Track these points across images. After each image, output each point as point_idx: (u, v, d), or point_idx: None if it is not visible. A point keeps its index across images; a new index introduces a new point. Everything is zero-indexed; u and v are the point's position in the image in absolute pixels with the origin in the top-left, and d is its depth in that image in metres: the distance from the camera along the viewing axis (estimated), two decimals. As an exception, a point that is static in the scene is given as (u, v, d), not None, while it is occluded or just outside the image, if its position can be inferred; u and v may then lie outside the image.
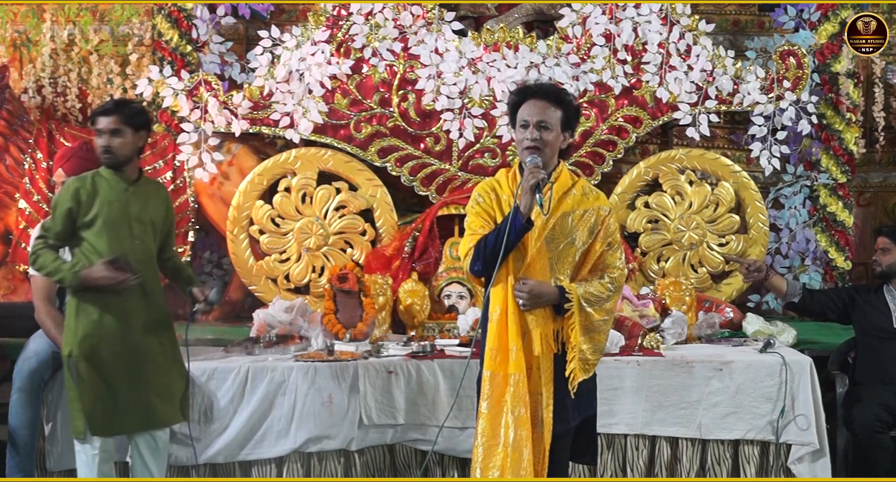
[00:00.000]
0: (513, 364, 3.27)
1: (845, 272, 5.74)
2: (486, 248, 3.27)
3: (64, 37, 5.52)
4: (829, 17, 5.66)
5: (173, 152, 5.36)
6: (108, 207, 3.90)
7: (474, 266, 3.33)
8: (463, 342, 4.65)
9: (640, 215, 5.47)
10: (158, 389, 3.93)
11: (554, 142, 3.35)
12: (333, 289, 4.69)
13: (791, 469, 4.44)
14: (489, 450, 3.31)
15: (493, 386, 3.31)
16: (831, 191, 5.70)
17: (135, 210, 3.95)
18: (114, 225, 3.90)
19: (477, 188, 3.47)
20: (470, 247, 3.33)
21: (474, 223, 3.38)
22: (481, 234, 3.32)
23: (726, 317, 5.16)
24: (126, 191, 3.94)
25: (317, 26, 5.28)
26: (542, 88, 3.39)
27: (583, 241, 3.36)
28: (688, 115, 5.39)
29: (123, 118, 3.88)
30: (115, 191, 3.92)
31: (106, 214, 3.89)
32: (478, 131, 5.30)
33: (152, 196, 4.04)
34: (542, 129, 3.31)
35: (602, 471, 4.42)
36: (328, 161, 5.31)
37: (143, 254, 3.97)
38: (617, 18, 5.34)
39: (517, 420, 3.25)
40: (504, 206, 3.37)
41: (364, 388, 4.32)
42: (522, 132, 3.33)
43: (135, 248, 3.92)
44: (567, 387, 3.32)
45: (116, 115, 3.88)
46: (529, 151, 3.30)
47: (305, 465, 4.38)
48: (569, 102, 3.38)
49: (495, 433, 3.29)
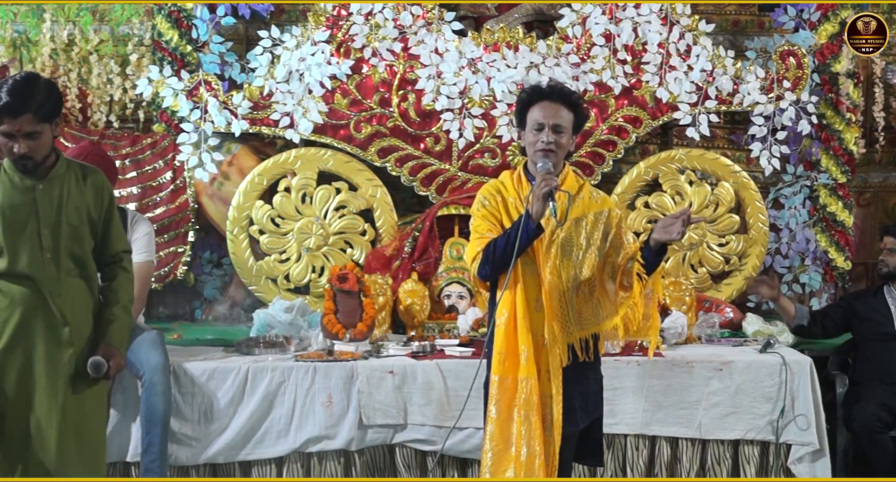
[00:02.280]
0: (523, 368, 3.25)
1: (845, 272, 5.74)
2: (495, 253, 3.24)
3: (64, 37, 5.51)
4: (829, 17, 5.65)
5: (173, 152, 5.36)
6: (9, 212, 3.20)
7: (482, 270, 3.29)
8: (463, 342, 4.65)
9: (640, 215, 5.46)
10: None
11: (566, 145, 3.33)
12: (333, 289, 4.69)
13: (791, 469, 4.44)
14: (499, 455, 3.29)
15: (501, 390, 3.28)
16: (831, 191, 5.69)
17: (46, 214, 3.22)
18: (15, 236, 3.19)
19: (481, 190, 3.44)
20: (478, 251, 3.29)
21: (481, 226, 3.35)
22: (489, 238, 3.28)
23: (726, 317, 5.17)
24: (33, 189, 3.23)
25: (317, 26, 5.28)
26: (556, 91, 3.35)
27: (598, 247, 3.33)
28: (688, 115, 5.38)
29: (37, 115, 3.15)
30: (19, 190, 3.22)
31: (6, 221, 3.19)
32: (478, 131, 5.30)
33: (73, 190, 3.27)
34: (557, 133, 3.28)
35: (602, 471, 4.42)
36: (328, 161, 5.31)
37: (57, 270, 3.23)
38: (617, 18, 5.34)
39: (529, 425, 3.23)
40: (510, 208, 3.35)
41: (364, 388, 4.32)
42: (536, 134, 3.29)
43: (44, 265, 3.21)
44: (577, 389, 3.31)
45: (28, 114, 3.13)
46: (543, 154, 3.27)
47: (305, 465, 4.38)
48: (581, 106, 3.37)
49: (505, 437, 3.27)
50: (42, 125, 3.17)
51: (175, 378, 4.30)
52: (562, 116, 3.29)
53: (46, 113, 3.18)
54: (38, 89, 3.18)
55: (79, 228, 3.28)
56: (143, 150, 5.39)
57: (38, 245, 3.20)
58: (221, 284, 5.65)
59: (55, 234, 3.23)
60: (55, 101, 3.23)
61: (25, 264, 3.20)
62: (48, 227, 3.21)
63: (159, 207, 5.38)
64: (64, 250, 3.25)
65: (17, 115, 3.12)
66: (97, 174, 3.38)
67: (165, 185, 5.40)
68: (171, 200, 5.40)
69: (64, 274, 3.25)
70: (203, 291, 5.64)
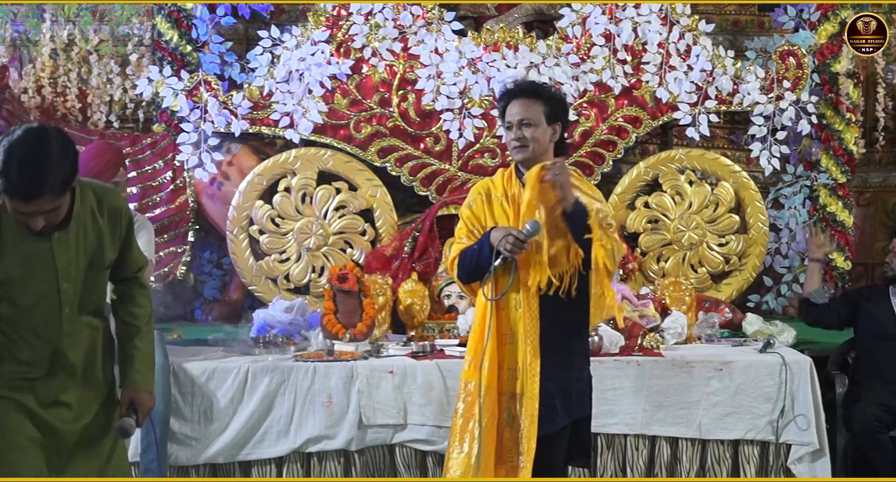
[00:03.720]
0: (485, 376, 3.30)
1: (845, 272, 5.74)
2: (467, 264, 3.35)
3: (64, 37, 5.52)
4: (829, 17, 5.66)
5: (173, 152, 5.36)
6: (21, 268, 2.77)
7: (460, 276, 3.42)
8: (462, 342, 4.64)
9: (640, 215, 5.46)
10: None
11: (541, 137, 3.35)
12: (333, 289, 4.69)
13: (791, 469, 4.44)
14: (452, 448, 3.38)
15: (466, 392, 3.38)
16: (831, 191, 5.69)
17: (64, 264, 2.80)
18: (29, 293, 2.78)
19: (472, 189, 3.51)
20: (454, 256, 3.40)
21: (461, 230, 3.46)
22: (465, 245, 3.38)
23: (726, 317, 5.16)
24: (49, 237, 2.78)
25: (317, 26, 5.28)
26: (520, 87, 3.43)
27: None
28: (688, 115, 5.38)
29: (54, 192, 2.67)
30: (31, 239, 2.77)
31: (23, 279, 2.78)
32: (478, 131, 5.30)
33: (90, 226, 2.86)
34: (524, 127, 3.33)
35: (602, 471, 4.42)
36: (328, 161, 5.31)
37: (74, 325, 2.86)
38: (617, 18, 5.34)
39: (485, 430, 3.28)
40: (496, 207, 3.40)
41: (364, 388, 4.32)
42: (508, 134, 3.38)
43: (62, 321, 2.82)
44: (557, 388, 3.31)
45: (45, 197, 2.65)
46: (516, 151, 3.35)
47: (305, 465, 4.38)
48: (549, 95, 3.40)
49: (462, 436, 3.35)
50: (62, 198, 2.72)
51: (175, 378, 4.30)
52: (529, 110, 3.34)
53: (65, 183, 2.70)
54: (51, 164, 2.64)
55: (97, 266, 2.90)
56: (142, 150, 5.39)
57: (56, 301, 2.81)
58: (221, 284, 5.65)
59: (74, 284, 2.83)
60: (72, 166, 2.71)
61: (42, 322, 2.81)
62: (66, 279, 2.81)
63: (159, 207, 5.38)
64: (83, 298, 2.88)
65: (33, 199, 2.65)
66: (113, 196, 2.96)
67: (165, 185, 5.40)
68: (170, 200, 5.40)
69: (82, 326, 2.90)
70: (203, 291, 5.64)
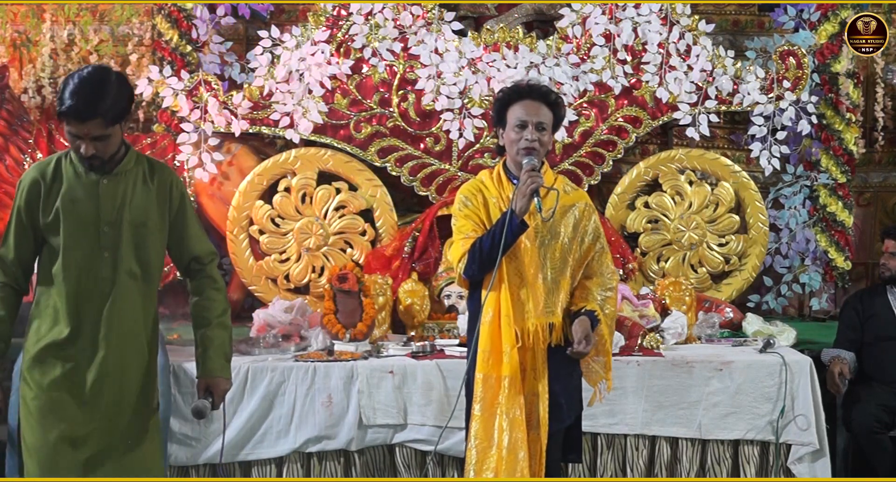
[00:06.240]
0: (506, 365, 3.27)
1: (845, 272, 5.74)
2: (481, 253, 3.26)
3: (64, 37, 5.51)
4: (829, 17, 5.65)
5: (173, 152, 5.36)
6: (70, 206, 3.01)
7: (469, 270, 3.32)
8: (462, 342, 4.64)
9: (640, 215, 5.46)
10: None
11: (548, 144, 3.37)
12: (333, 289, 4.69)
13: (791, 469, 4.45)
14: (483, 453, 3.30)
15: (486, 388, 3.30)
16: (831, 191, 5.69)
17: (108, 210, 3.04)
18: (74, 230, 3.01)
19: (461, 190, 3.45)
20: (463, 251, 3.31)
21: (465, 227, 3.37)
22: (473, 238, 3.31)
23: (726, 317, 5.17)
24: (97, 184, 3.04)
25: (317, 26, 5.28)
26: (537, 89, 3.38)
27: (568, 236, 3.36)
28: (688, 115, 5.38)
29: (106, 119, 2.94)
30: (82, 184, 3.04)
31: (69, 216, 3.01)
32: (478, 131, 5.30)
33: (139, 187, 3.09)
34: (540, 131, 3.31)
35: (602, 471, 4.42)
36: (328, 161, 5.31)
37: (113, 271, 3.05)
38: (617, 18, 5.34)
39: (512, 422, 3.24)
40: (492, 207, 3.37)
41: (364, 388, 4.32)
42: (518, 132, 3.31)
43: (101, 263, 3.03)
44: (562, 386, 3.33)
45: (97, 119, 2.92)
46: (526, 152, 3.29)
47: (305, 465, 4.38)
48: (561, 105, 3.40)
49: (489, 435, 3.29)
50: (112, 128, 2.96)
51: (175, 378, 4.30)
52: (544, 115, 3.32)
53: (116, 115, 2.96)
54: (107, 92, 2.93)
55: (142, 228, 3.08)
56: (142, 150, 5.38)
57: (96, 242, 3.02)
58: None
59: (116, 231, 3.03)
60: (127, 99, 3.00)
61: (80, 259, 3.00)
62: (108, 224, 3.03)
63: (159, 207, 5.38)
64: (125, 250, 3.05)
65: (85, 120, 2.91)
66: (165, 171, 3.18)
67: (165, 184, 5.40)
68: (170, 200, 5.40)
69: (122, 275, 3.05)
70: (203, 291, 5.63)
